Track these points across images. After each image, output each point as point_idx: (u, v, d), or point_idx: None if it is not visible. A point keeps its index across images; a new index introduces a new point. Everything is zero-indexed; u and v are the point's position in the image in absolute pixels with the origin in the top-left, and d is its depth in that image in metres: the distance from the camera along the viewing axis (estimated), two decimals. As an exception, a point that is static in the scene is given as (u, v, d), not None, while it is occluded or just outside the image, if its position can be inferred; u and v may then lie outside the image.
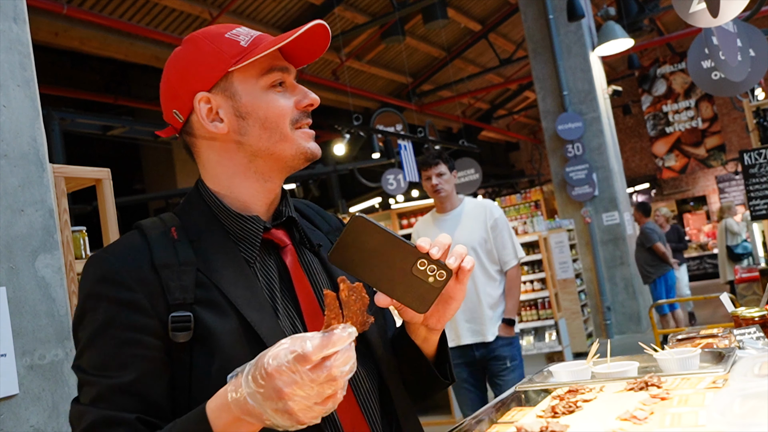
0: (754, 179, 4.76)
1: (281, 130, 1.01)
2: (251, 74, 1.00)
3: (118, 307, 0.90)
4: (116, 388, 0.88)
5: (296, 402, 0.74)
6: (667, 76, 16.69)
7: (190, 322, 0.91)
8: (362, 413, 0.99)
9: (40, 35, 8.04)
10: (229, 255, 0.98)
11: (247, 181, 1.02)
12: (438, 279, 0.90)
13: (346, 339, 0.76)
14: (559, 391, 0.99)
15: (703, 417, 0.74)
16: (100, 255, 0.96)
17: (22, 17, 1.76)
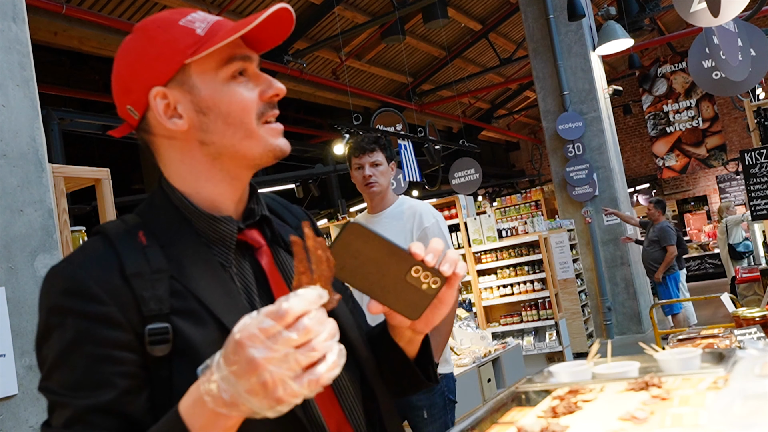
0: (755, 179, 4.76)
1: (246, 125, 0.93)
2: (210, 65, 0.92)
3: (87, 322, 0.83)
4: (92, 408, 0.81)
5: (271, 373, 0.68)
6: (667, 76, 16.69)
7: (168, 333, 0.85)
8: (346, 417, 0.96)
9: (39, 35, 8.04)
10: (203, 260, 0.91)
11: (212, 180, 0.95)
12: (432, 286, 0.89)
13: (318, 299, 0.73)
14: (559, 391, 0.98)
15: (704, 417, 0.74)
16: (63, 266, 0.88)
17: (21, 17, 1.76)
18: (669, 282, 7.70)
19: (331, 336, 0.72)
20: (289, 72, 10.85)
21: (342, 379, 0.97)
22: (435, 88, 14.37)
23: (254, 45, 0.96)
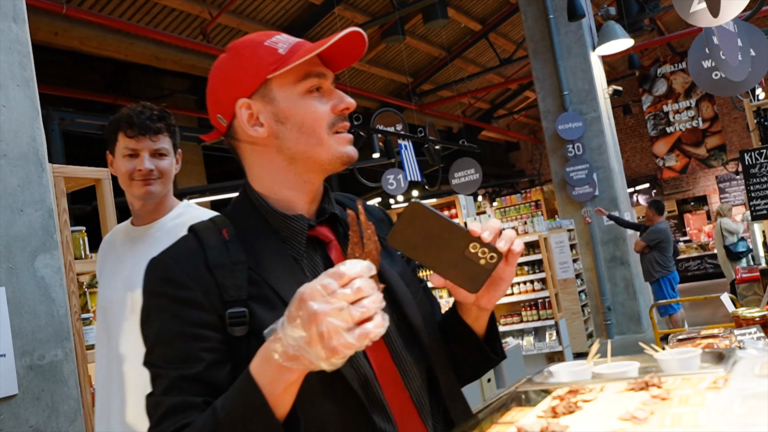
0: (755, 179, 4.76)
1: (318, 134, 1.05)
2: (289, 80, 1.05)
3: (179, 305, 0.98)
4: (184, 378, 0.95)
5: (327, 324, 0.77)
6: (667, 76, 16.69)
7: (246, 317, 0.97)
8: (410, 397, 1.05)
9: (40, 35, 8.04)
10: (277, 253, 1.04)
11: (288, 182, 1.07)
12: (489, 261, 0.96)
13: (369, 269, 0.82)
14: (559, 391, 0.98)
15: (704, 417, 0.74)
16: (160, 257, 1.03)
17: (21, 17, 1.76)
18: (663, 283, 7.71)
19: (378, 302, 0.81)
20: (289, 72, 10.84)
21: (407, 363, 1.06)
22: (435, 88, 14.37)
23: (330, 64, 1.09)
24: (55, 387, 1.68)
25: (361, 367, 1.01)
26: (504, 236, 0.97)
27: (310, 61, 1.05)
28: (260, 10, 10.21)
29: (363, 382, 1.00)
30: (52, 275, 1.73)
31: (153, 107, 1.90)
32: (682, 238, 17.14)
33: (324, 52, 1.05)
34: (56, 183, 2.01)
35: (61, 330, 1.72)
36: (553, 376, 1.10)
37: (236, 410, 0.87)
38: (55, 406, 1.67)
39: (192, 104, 12.73)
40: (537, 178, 18.42)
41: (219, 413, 0.88)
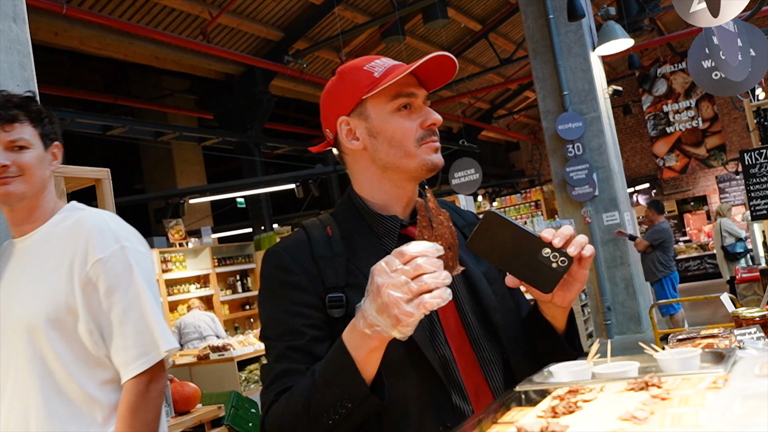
0: (755, 179, 4.76)
1: (405, 147, 1.20)
2: (382, 100, 1.20)
3: (287, 288, 1.16)
4: (291, 348, 1.13)
5: (389, 295, 0.92)
6: (667, 76, 16.69)
7: (343, 301, 1.14)
8: (486, 382, 1.19)
9: (40, 35, 8.03)
10: (372, 248, 1.20)
11: (383, 188, 1.24)
12: (560, 265, 1.05)
13: (435, 250, 0.94)
14: (559, 391, 0.98)
15: (704, 417, 0.74)
16: (275, 248, 1.22)
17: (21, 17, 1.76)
18: (665, 283, 7.71)
19: (441, 279, 0.93)
20: (289, 72, 10.85)
21: (485, 351, 1.20)
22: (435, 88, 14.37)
23: (425, 83, 1.24)
24: (55, 387, 1.68)
25: (440, 349, 1.16)
26: (575, 242, 1.07)
27: (401, 82, 1.18)
28: (260, 10, 10.21)
29: (443, 362, 1.15)
30: (52, 275, 1.72)
31: (12, 93, 1.57)
32: (681, 238, 17.15)
33: (418, 73, 1.21)
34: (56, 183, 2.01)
35: (61, 330, 1.71)
36: (553, 376, 1.10)
37: (329, 370, 1.04)
38: (55, 406, 1.67)
39: (192, 104, 12.72)
40: (537, 178, 18.42)
41: (316, 373, 1.06)
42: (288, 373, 1.11)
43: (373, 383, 1.05)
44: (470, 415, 1.14)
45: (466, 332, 1.20)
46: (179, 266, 9.41)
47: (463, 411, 1.14)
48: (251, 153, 11.43)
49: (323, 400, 1.04)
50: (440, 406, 1.13)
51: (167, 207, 9.64)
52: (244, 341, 6.57)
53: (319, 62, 12.14)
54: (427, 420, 1.12)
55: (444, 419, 1.13)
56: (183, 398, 2.73)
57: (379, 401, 1.05)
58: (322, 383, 1.04)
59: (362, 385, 1.02)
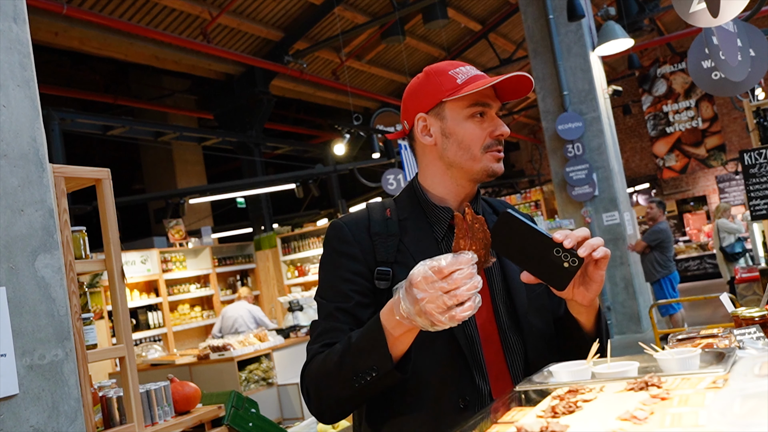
0: (754, 179, 4.76)
1: (472, 151, 1.31)
2: (459, 105, 1.31)
3: (343, 257, 1.31)
4: (339, 309, 1.28)
5: (425, 307, 1.04)
6: (667, 76, 16.68)
7: (389, 275, 1.28)
8: (507, 368, 1.29)
9: (40, 35, 8.04)
10: (424, 232, 1.33)
11: (444, 182, 1.35)
12: (571, 265, 1.10)
13: (469, 260, 1.05)
14: (559, 391, 0.99)
15: (704, 417, 0.74)
16: (338, 221, 1.37)
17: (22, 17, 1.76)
18: (664, 283, 7.71)
19: (473, 287, 1.04)
20: (289, 72, 10.84)
21: (510, 340, 1.31)
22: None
23: (501, 95, 1.34)
24: (56, 387, 1.68)
25: (470, 330, 1.27)
26: (586, 244, 1.12)
27: (480, 92, 1.29)
28: (260, 10, 10.21)
29: (469, 342, 1.27)
30: (53, 275, 1.73)
31: None
32: (681, 238, 17.14)
33: (496, 85, 1.30)
34: (56, 183, 2.01)
35: (61, 330, 1.72)
36: (553, 376, 1.10)
37: (363, 340, 1.17)
38: (56, 405, 1.67)
39: (192, 104, 12.72)
40: (537, 178, 18.41)
41: (352, 339, 1.20)
42: (333, 330, 1.27)
43: (401, 359, 1.17)
44: (488, 395, 1.26)
45: (496, 320, 1.31)
46: (179, 266, 9.41)
47: (481, 390, 1.26)
48: (251, 153, 11.42)
49: (354, 365, 1.17)
50: (461, 382, 1.25)
51: (167, 207, 9.64)
52: (244, 341, 6.57)
53: (319, 62, 12.14)
54: (448, 392, 1.25)
55: (464, 394, 1.25)
56: (183, 398, 2.73)
57: (401, 376, 1.18)
58: (356, 350, 1.18)
59: (388, 361, 1.15)
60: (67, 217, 2.04)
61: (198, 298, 9.90)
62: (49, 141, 6.29)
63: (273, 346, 6.70)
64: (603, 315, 1.31)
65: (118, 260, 2.18)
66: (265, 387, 6.48)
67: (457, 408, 1.24)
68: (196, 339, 9.34)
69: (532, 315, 1.33)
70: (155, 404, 2.48)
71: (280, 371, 6.66)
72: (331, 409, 1.26)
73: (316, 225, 10.27)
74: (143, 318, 8.78)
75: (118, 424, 2.23)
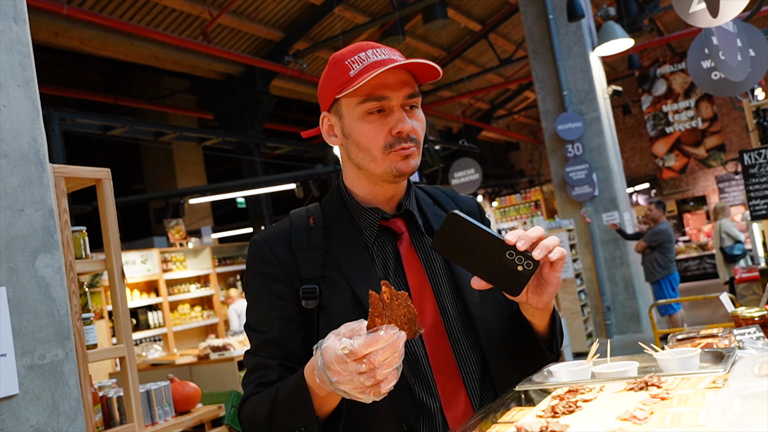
0: (754, 179, 4.76)
1: (371, 152, 1.16)
2: (352, 101, 1.15)
3: (263, 279, 1.18)
4: (265, 341, 1.16)
5: (344, 387, 0.94)
6: (667, 76, 16.68)
7: (316, 293, 1.15)
8: (462, 379, 1.17)
9: (40, 35, 8.04)
10: (352, 239, 1.19)
11: (362, 183, 1.22)
12: (526, 268, 1.01)
13: (386, 339, 0.92)
14: (559, 390, 0.99)
15: (703, 417, 0.74)
16: (257, 238, 1.23)
17: (22, 17, 1.76)
18: (664, 284, 7.71)
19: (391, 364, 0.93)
20: (289, 72, 10.84)
21: (463, 347, 1.18)
22: (435, 88, 14.37)
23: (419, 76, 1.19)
24: (56, 386, 1.68)
25: (411, 345, 1.14)
26: (541, 245, 1.01)
27: (373, 84, 1.12)
28: (260, 10, 10.21)
29: (412, 358, 1.14)
30: (53, 275, 1.73)
31: None
32: (681, 238, 17.14)
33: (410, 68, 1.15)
34: (57, 183, 2.01)
35: (61, 330, 1.72)
36: (553, 376, 1.10)
37: (289, 398, 1.07)
38: (56, 405, 1.67)
39: (192, 104, 12.72)
40: (537, 178, 18.41)
41: (279, 394, 1.09)
42: (262, 367, 1.16)
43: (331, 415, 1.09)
44: (439, 412, 1.14)
45: (446, 329, 1.18)
46: (179, 266, 9.41)
47: (429, 408, 1.13)
48: (251, 153, 11.42)
49: (282, 423, 1.09)
50: (404, 404, 1.12)
51: (167, 207, 9.64)
52: (244, 341, 6.57)
53: (319, 62, 12.14)
54: (390, 416, 1.12)
55: (407, 416, 1.12)
56: (183, 398, 2.73)
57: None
58: (282, 406, 1.08)
59: (314, 424, 1.05)
60: (67, 217, 2.04)
61: (198, 298, 9.90)
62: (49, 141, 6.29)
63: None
64: (557, 316, 1.21)
65: (118, 260, 2.18)
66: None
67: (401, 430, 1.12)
68: (196, 339, 9.34)
69: (487, 315, 1.20)
70: (155, 404, 2.48)
71: (280, 371, 6.66)
72: None
73: (316, 225, 10.25)
74: (143, 318, 8.79)
75: (118, 423, 2.24)
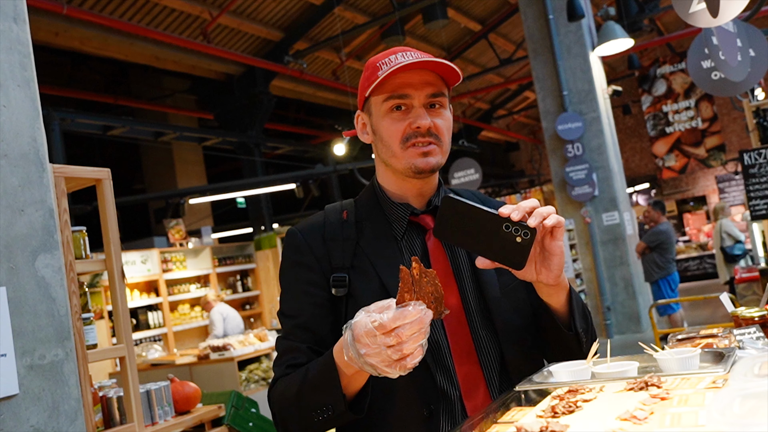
0: (754, 179, 4.76)
1: (392, 148, 1.23)
2: (379, 99, 1.24)
3: (296, 267, 1.27)
4: (296, 326, 1.24)
5: (372, 360, 0.98)
6: (667, 76, 16.68)
7: (346, 281, 1.22)
8: (481, 369, 1.22)
9: (40, 35, 8.04)
10: (383, 233, 1.27)
11: (390, 178, 1.30)
12: (524, 238, 1.02)
13: (414, 315, 0.97)
14: (559, 391, 0.99)
15: (703, 417, 0.74)
16: (292, 228, 1.32)
17: (22, 17, 1.76)
18: (663, 284, 7.71)
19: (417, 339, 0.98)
20: (289, 72, 10.84)
21: (482, 339, 1.23)
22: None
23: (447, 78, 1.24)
24: (56, 387, 1.68)
25: (434, 334, 1.20)
26: (535, 213, 1.04)
27: (396, 83, 1.20)
28: (260, 10, 10.21)
29: (435, 347, 1.20)
30: (53, 275, 1.73)
31: None
32: (681, 238, 17.14)
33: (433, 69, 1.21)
34: (57, 183, 2.01)
35: (61, 330, 1.72)
36: (553, 376, 1.10)
37: (318, 376, 1.13)
38: (56, 405, 1.67)
39: (192, 104, 12.72)
40: (537, 178, 18.41)
41: (309, 372, 1.15)
42: (293, 350, 1.23)
43: (357, 395, 1.13)
44: (459, 400, 1.20)
45: (467, 320, 1.23)
46: (179, 266, 9.41)
47: (449, 395, 1.20)
48: (251, 153, 11.42)
49: (309, 400, 1.14)
50: (425, 390, 1.18)
51: (167, 207, 9.64)
52: (244, 341, 6.57)
53: (319, 62, 12.13)
54: (412, 401, 1.18)
55: (428, 401, 1.18)
56: (183, 398, 2.73)
57: (356, 416, 1.13)
58: (310, 386, 1.14)
59: (341, 402, 1.10)
60: (67, 217, 2.04)
61: (198, 298, 9.89)
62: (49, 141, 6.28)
63: (273, 346, 6.69)
64: (576, 295, 1.22)
65: (118, 260, 2.18)
66: (265, 387, 6.48)
67: (422, 416, 1.18)
68: (196, 339, 9.34)
69: (506, 311, 1.25)
70: (155, 404, 2.48)
71: (280, 371, 6.65)
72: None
73: (316, 225, 10.26)
74: (143, 318, 8.78)
75: (118, 424, 2.24)
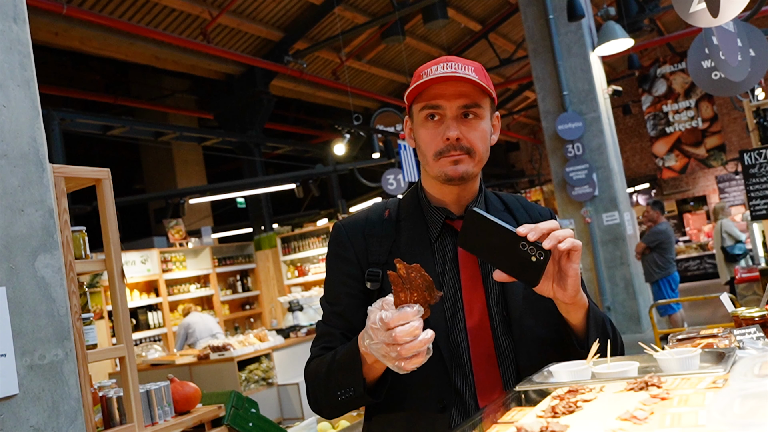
0: (754, 179, 4.76)
1: (426, 156, 1.31)
2: (417, 107, 1.30)
3: (338, 259, 1.37)
4: (333, 312, 1.35)
5: (377, 353, 1.08)
6: (667, 76, 16.68)
7: (379, 276, 1.30)
8: (499, 371, 1.28)
9: (40, 35, 8.04)
10: (419, 233, 1.34)
11: (431, 182, 1.36)
12: (539, 258, 1.07)
13: (413, 315, 1.04)
14: (559, 391, 0.99)
15: (703, 417, 0.74)
16: (338, 223, 1.41)
17: (22, 17, 1.76)
18: (663, 284, 7.71)
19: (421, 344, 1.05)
20: (289, 72, 10.84)
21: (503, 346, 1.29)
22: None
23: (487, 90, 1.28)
24: (56, 387, 1.68)
25: (455, 335, 1.28)
26: (551, 236, 1.08)
27: (432, 94, 1.26)
28: (260, 10, 10.21)
29: (453, 346, 1.27)
30: (53, 275, 1.73)
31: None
32: (681, 238, 17.14)
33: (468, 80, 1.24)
34: (56, 183, 2.01)
35: (61, 330, 1.72)
36: (553, 376, 1.10)
37: (343, 358, 1.23)
38: (56, 405, 1.67)
39: (192, 104, 12.72)
40: (537, 178, 18.41)
41: (336, 356, 1.26)
42: (328, 334, 1.35)
43: (377, 382, 1.22)
44: (472, 398, 1.27)
45: (490, 326, 1.30)
46: (179, 266, 9.41)
47: (463, 393, 1.27)
48: (251, 153, 11.42)
49: (335, 380, 1.25)
50: (440, 384, 1.26)
51: (167, 207, 9.64)
52: (244, 341, 6.57)
53: (319, 62, 12.13)
54: (427, 393, 1.27)
55: (442, 396, 1.26)
56: (183, 398, 2.73)
57: (373, 401, 1.22)
58: (336, 367, 1.24)
59: (360, 385, 1.19)
60: (67, 217, 2.04)
61: (198, 298, 9.90)
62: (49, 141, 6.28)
63: (273, 346, 6.70)
64: (595, 313, 1.25)
65: (118, 260, 2.18)
66: (265, 387, 6.48)
67: (436, 408, 1.26)
68: (196, 339, 9.33)
69: (528, 319, 1.29)
70: (155, 404, 2.48)
71: (280, 371, 6.67)
72: (326, 410, 1.33)
73: (316, 225, 10.27)
74: (143, 318, 8.79)
75: (118, 424, 2.23)
